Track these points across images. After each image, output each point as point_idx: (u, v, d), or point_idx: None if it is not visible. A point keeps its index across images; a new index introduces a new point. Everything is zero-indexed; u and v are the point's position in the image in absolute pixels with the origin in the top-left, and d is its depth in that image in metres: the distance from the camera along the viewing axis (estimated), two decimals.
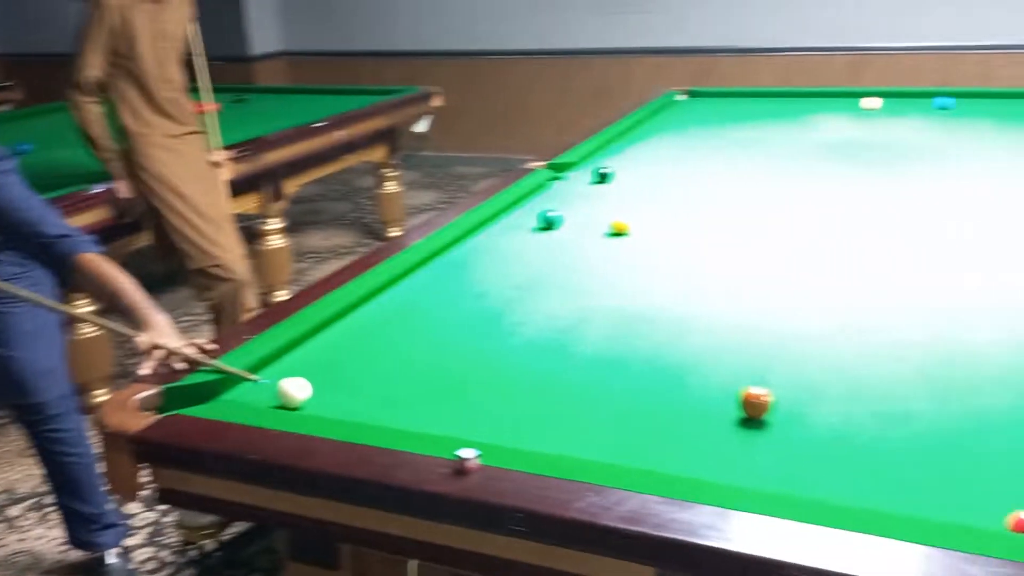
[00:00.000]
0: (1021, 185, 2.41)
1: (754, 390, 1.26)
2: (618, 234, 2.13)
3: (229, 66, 6.26)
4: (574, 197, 2.50)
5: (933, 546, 0.93)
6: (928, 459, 1.15)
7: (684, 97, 3.99)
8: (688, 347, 1.52)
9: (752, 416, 1.26)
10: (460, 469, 1.11)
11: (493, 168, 5.92)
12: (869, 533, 0.96)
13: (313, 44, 6.75)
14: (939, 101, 3.39)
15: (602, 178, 2.62)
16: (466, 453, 1.11)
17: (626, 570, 1.03)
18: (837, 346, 1.49)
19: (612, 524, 1.01)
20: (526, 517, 1.04)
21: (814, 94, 3.90)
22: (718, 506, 1.02)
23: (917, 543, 0.94)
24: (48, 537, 2.37)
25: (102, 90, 2.69)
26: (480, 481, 1.10)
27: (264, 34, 6.66)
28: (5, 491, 2.59)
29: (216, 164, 3.00)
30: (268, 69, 6.63)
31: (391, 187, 4.65)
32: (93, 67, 2.63)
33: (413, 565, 1.32)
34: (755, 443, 1.22)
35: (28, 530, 2.41)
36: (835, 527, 0.97)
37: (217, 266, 2.79)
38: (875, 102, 3.45)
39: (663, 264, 1.95)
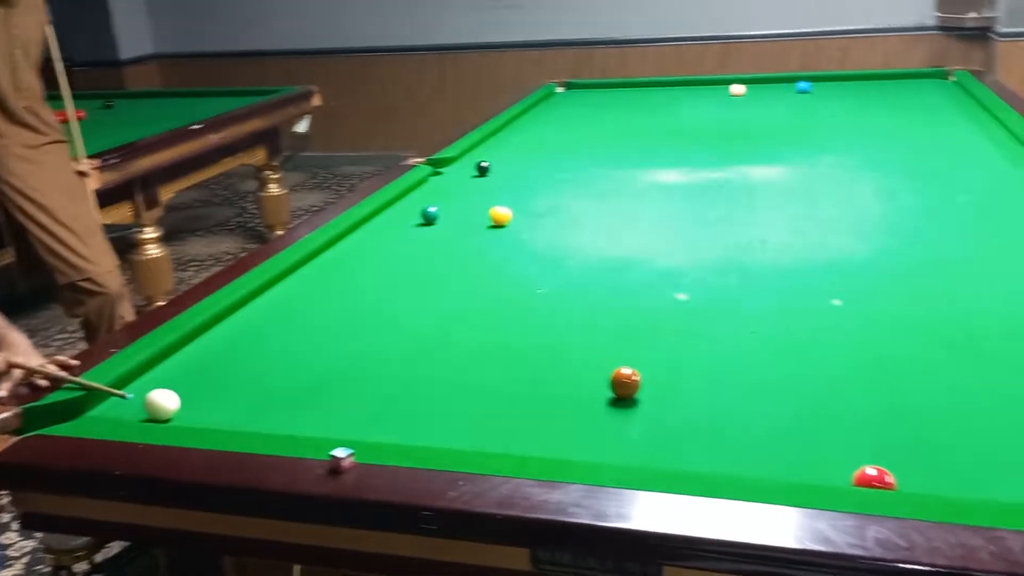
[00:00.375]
0: (864, 163, 2.55)
1: (623, 370, 1.30)
2: (497, 226, 2.16)
3: (97, 72, 6.00)
4: (454, 192, 2.51)
5: (788, 505, 0.99)
6: (786, 426, 1.21)
7: (562, 89, 4.05)
8: (561, 333, 1.56)
9: (623, 396, 1.30)
10: (335, 469, 1.11)
11: (380, 166, 5.88)
12: (731, 498, 1.01)
13: (187, 46, 6.54)
14: (800, 85, 3.55)
15: (481, 172, 2.64)
16: (340, 452, 1.11)
17: (503, 554, 1.05)
18: (702, 324, 1.55)
19: (485, 510, 1.02)
20: (400, 509, 1.05)
21: (687, 82, 4.03)
22: (589, 484, 1.05)
23: (774, 504, 0.99)
24: None
25: None
26: (355, 479, 1.09)
27: (133, 37, 6.41)
28: None
29: (82, 173, 2.87)
30: (140, 73, 6.39)
31: (274, 190, 4.56)
32: None
33: (297, 570, 1.31)
34: (626, 421, 1.26)
35: None
36: (698, 495, 1.02)
37: (87, 280, 2.68)
38: (740, 88, 3.59)
39: (540, 253, 1.98)
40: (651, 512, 1.00)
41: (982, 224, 1.97)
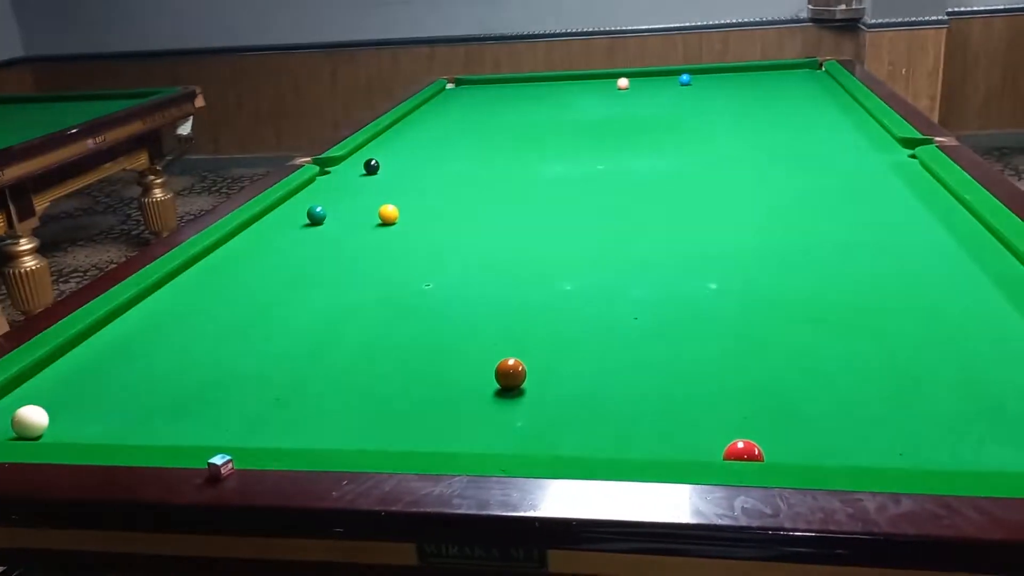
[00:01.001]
0: (742, 151, 2.65)
1: (508, 361, 1.32)
2: (386, 224, 2.15)
3: None
4: (342, 191, 2.49)
5: (663, 483, 1.02)
6: (662, 407, 1.25)
7: (452, 85, 4.05)
8: (448, 328, 1.56)
9: (508, 386, 1.31)
10: (214, 476, 1.08)
11: (270, 167, 5.75)
12: (609, 479, 1.03)
13: (61, 47, 6.24)
14: (682, 78, 3.66)
15: (370, 170, 2.62)
16: (218, 460, 1.09)
17: (391, 551, 1.05)
18: (587, 314, 1.59)
19: (368, 507, 1.02)
20: (284, 513, 1.04)
21: (574, 77, 4.09)
22: (472, 474, 1.06)
23: (649, 482, 1.02)
24: None
25: None
26: (235, 486, 1.07)
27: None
28: None
29: None
30: (9, 78, 6.06)
31: (159, 195, 4.40)
32: None
33: None
34: (512, 410, 1.27)
35: None
36: (579, 478, 1.04)
37: None
38: (624, 82, 3.67)
39: (427, 250, 1.98)
40: (531, 498, 1.02)
41: (848, 207, 2.07)
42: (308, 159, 2.73)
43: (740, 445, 1.07)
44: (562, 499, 1.01)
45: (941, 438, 1.12)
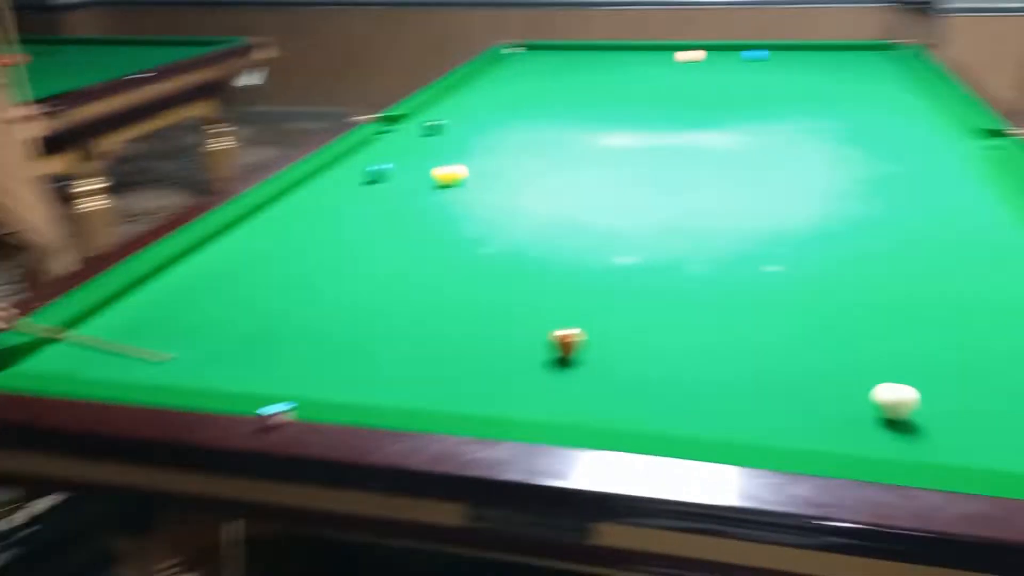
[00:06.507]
0: (817, 131, 2.58)
1: (565, 330, 1.31)
2: (446, 185, 2.14)
3: (34, 16, 5.77)
4: (403, 150, 2.48)
5: (718, 463, 1.01)
6: (720, 388, 1.23)
7: (520, 50, 4.01)
8: (506, 294, 1.56)
9: (565, 355, 1.31)
10: (270, 425, 1.10)
11: (334, 122, 5.78)
12: (662, 455, 1.03)
13: None
14: (754, 53, 3.57)
15: (432, 131, 2.61)
16: (274, 409, 1.10)
17: (438, 510, 1.06)
18: (646, 283, 1.57)
19: (418, 467, 1.03)
20: (333, 466, 1.05)
21: (648, 47, 4.01)
22: (524, 441, 1.06)
23: (702, 460, 1.01)
24: None
25: None
26: (290, 436, 1.09)
27: None
28: None
29: (11, 121, 2.77)
30: (80, 20, 6.16)
31: (221, 144, 4.46)
32: None
33: (232, 527, 1.30)
34: (567, 380, 1.26)
35: None
36: (632, 452, 1.03)
37: (15, 234, 2.60)
38: (699, 54, 3.60)
39: (488, 214, 1.98)
40: (579, 469, 1.02)
41: (918, 192, 2.01)
42: (371, 116, 2.73)
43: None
44: (613, 472, 1.01)
45: (1006, 438, 1.08)
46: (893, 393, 1.12)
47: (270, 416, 1.10)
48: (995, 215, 1.83)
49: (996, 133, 2.29)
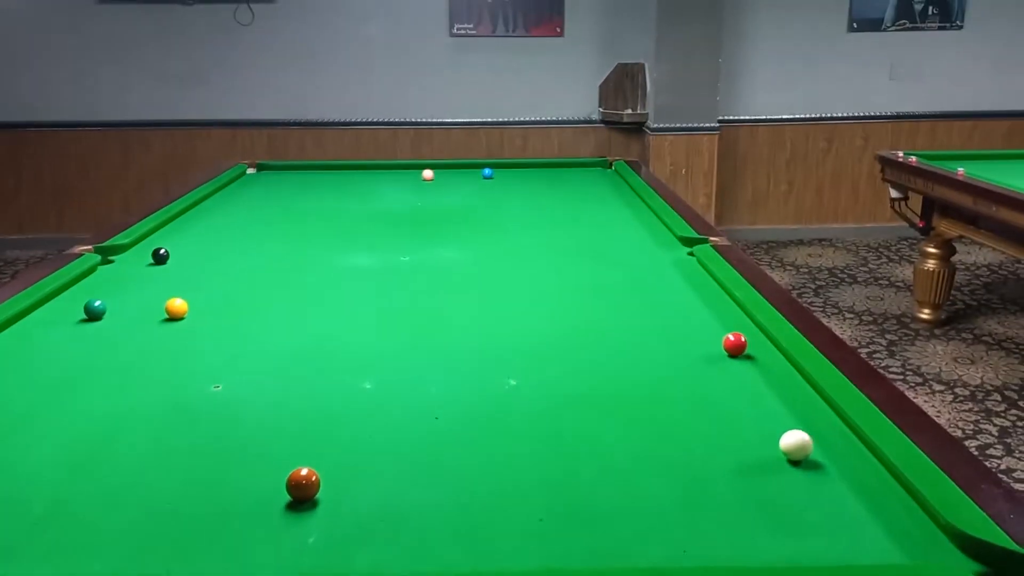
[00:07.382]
0: (538, 246, 2.77)
1: (301, 471, 1.26)
2: (173, 319, 2.03)
3: None
4: (125, 282, 2.33)
5: None
6: (461, 513, 1.24)
7: (253, 171, 3.96)
8: (237, 434, 1.48)
9: (301, 498, 1.25)
10: None
11: (51, 251, 5.33)
12: None
13: None
14: (485, 172, 3.79)
15: (158, 260, 2.48)
16: None
17: None
18: (383, 410, 1.56)
19: None
20: None
21: (379, 166, 4.13)
22: None
23: None
24: None
25: None
26: None
27: None
28: None
29: None
30: None
31: None
32: None
33: None
34: (304, 524, 1.21)
35: None
36: None
37: None
38: (428, 173, 3.76)
39: (218, 348, 1.89)
40: None
41: (634, 301, 2.20)
42: (90, 247, 2.54)
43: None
44: None
45: (721, 533, 1.17)
46: (791, 439, 1.33)
47: None
48: (696, 314, 2.04)
49: (697, 240, 2.58)
